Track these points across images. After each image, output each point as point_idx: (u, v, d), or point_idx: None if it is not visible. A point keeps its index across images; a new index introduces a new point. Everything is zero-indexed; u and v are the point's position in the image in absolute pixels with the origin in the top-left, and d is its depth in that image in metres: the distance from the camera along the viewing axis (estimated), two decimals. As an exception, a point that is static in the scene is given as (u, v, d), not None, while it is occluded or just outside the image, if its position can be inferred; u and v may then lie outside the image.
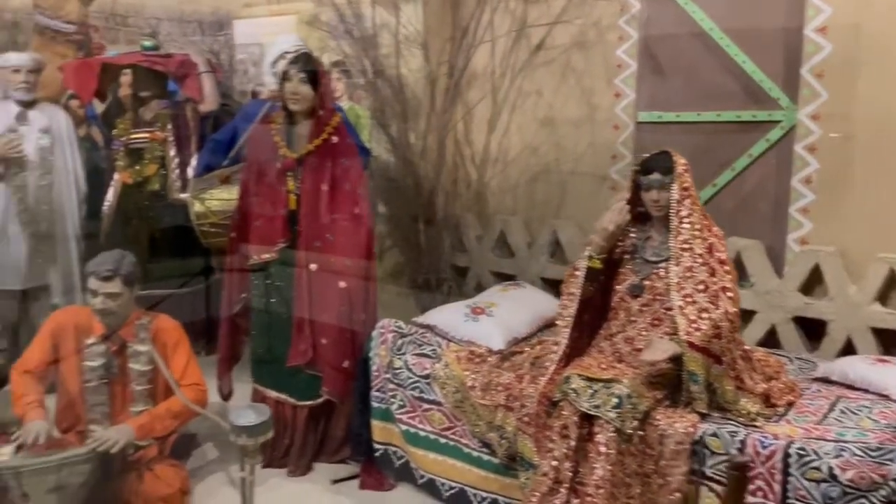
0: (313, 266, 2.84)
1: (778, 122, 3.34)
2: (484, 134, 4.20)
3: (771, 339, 3.24)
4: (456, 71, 3.83)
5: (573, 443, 2.15)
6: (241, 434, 2.08)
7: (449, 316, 2.92)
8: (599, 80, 3.79)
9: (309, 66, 2.80)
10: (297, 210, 2.86)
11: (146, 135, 4.14)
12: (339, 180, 2.84)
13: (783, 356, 2.84)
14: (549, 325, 3.08)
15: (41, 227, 4.04)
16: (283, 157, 2.85)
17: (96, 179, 4.31)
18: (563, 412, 2.19)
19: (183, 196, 4.10)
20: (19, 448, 2.58)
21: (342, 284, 2.77)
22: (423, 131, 3.94)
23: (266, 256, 2.90)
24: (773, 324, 3.23)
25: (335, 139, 2.86)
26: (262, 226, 2.90)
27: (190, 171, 4.14)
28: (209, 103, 4.22)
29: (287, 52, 3.61)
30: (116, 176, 4.18)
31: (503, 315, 2.90)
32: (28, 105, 3.98)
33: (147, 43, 4.17)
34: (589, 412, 2.15)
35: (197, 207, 3.40)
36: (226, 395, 3.17)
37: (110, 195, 4.21)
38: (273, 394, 2.95)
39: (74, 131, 4.19)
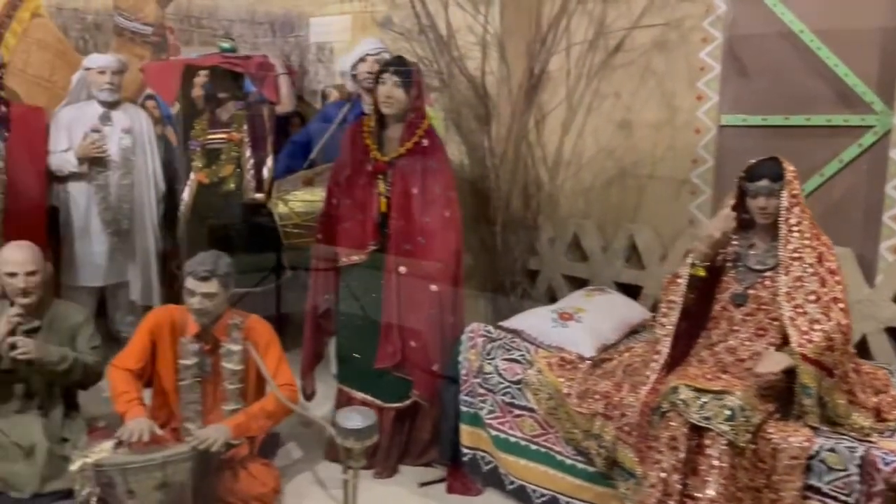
0: (402, 269, 2.84)
1: (871, 126, 3.25)
2: (557, 136, 4.17)
3: (862, 351, 3.15)
4: (536, 73, 3.80)
5: (682, 455, 2.11)
6: (349, 437, 2.08)
7: (536, 321, 2.90)
8: (681, 83, 3.73)
9: (404, 70, 2.80)
10: (386, 213, 2.86)
11: (223, 135, 4.20)
12: (430, 183, 2.83)
13: (882, 367, 2.76)
14: (634, 332, 3.04)
15: (122, 226, 4.14)
16: (373, 160, 2.86)
17: (171, 179, 4.40)
18: (672, 423, 2.15)
19: (258, 196, 4.17)
20: (119, 444, 2.64)
21: (434, 288, 2.77)
22: (499, 134, 3.92)
23: (355, 258, 2.91)
24: (865, 334, 3.15)
25: (426, 142, 2.86)
26: (351, 228, 2.92)
27: (265, 172, 4.20)
28: (286, 105, 4.27)
29: (368, 55, 3.65)
30: (193, 176, 4.25)
31: (592, 321, 2.87)
32: (111, 106, 4.08)
33: (225, 44, 4.24)
34: (699, 424, 2.11)
35: (280, 208, 3.43)
36: (309, 395, 3.19)
37: (186, 195, 4.28)
38: (359, 395, 2.97)
39: (154, 132, 4.28)
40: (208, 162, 4.20)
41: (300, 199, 3.40)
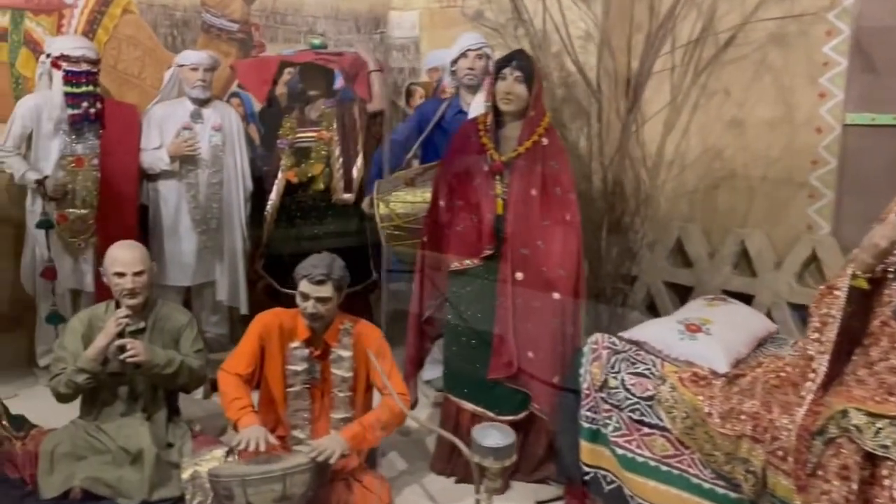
0: (519, 275, 2.70)
1: None
2: (658, 135, 3.98)
3: None
4: (644, 69, 3.62)
5: (855, 486, 1.92)
6: (487, 456, 1.95)
7: (660, 332, 2.72)
8: (800, 79, 3.50)
9: (526, 65, 2.65)
10: (503, 215, 2.72)
11: (312, 134, 4.11)
12: (550, 184, 2.69)
13: None
14: (761, 345, 2.84)
15: (211, 225, 4.08)
16: (490, 160, 2.72)
17: (255, 178, 4.33)
18: (843, 450, 1.96)
19: (346, 196, 4.07)
20: (229, 452, 2.55)
21: (556, 296, 2.62)
22: (601, 133, 3.74)
23: (468, 263, 2.78)
24: None
25: (546, 141, 2.71)
26: (464, 231, 2.79)
27: (355, 172, 4.10)
28: (377, 103, 4.16)
29: (470, 50, 3.52)
30: (280, 175, 4.16)
31: (722, 334, 2.68)
32: (203, 103, 4.02)
33: (316, 41, 4.15)
34: (875, 452, 1.92)
35: (381, 209, 3.32)
36: (411, 403, 3.06)
37: (274, 194, 4.20)
38: (469, 406, 2.83)
39: (243, 130, 4.21)
40: (297, 161, 4.11)
41: (401, 200, 3.28)
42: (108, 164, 3.77)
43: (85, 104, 3.59)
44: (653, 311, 4.02)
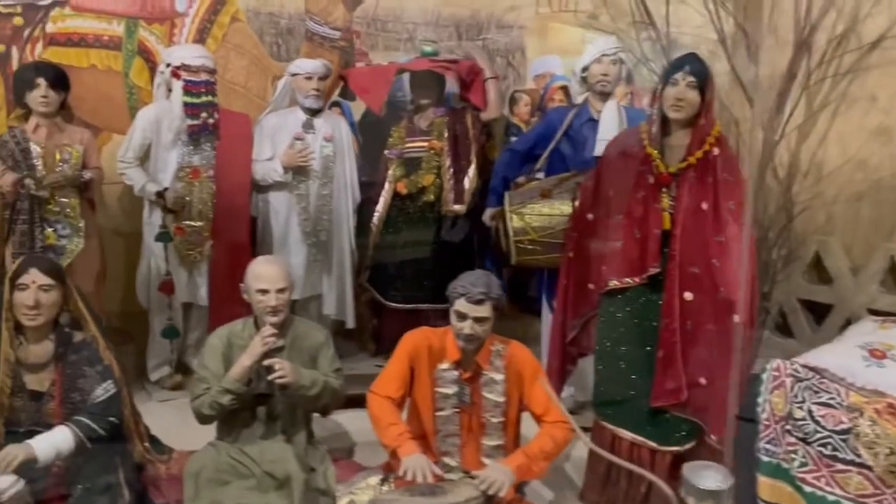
0: (688, 295, 2.52)
1: None
2: (793, 144, 3.76)
3: None
4: (788, 75, 3.42)
5: None
6: (705, 499, 1.77)
7: (843, 359, 2.49)
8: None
9: (699, 70, 2.48)
10: (669, 230, 2.54)
11: (422, 143, 3.98)
12: (723, 198, 2.50)
13: None
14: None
15: (321, 237, 3.98)
16: (657, 172, 2.54)
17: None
18: None
19: (457, 208, 3.93)
20: (384, 481, 2.42)
21: (736, 318, 2.43)
22: (737, 143, 3.54)
23: (628, 281, 2.60)
24: None
25: (716, 151, 2.53)
26: (625, 247, 2.61)
27: (467, 183, 3.97)
28: (492, 111, 4.02)
29: (605, 55, 3.35)
30: (387, 185, 4.05)
31: (912, 360, 2.46)
32: (314, 113, 3.93)
33: (428, 48, 4.02)
34: None
35: (515, 223, 3.17)
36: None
37: (380, 205, 4.08)
38: (627, 434, 2.66)
39: (352, 140, 4.10)
40: (407, 171, 3.99)
41: (537, 213, 3.13)
42: (223, 175, 3.69)
43: (204, 115, 3.52)
44: (783, 331, 3.81)
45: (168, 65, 3.52)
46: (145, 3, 3.80)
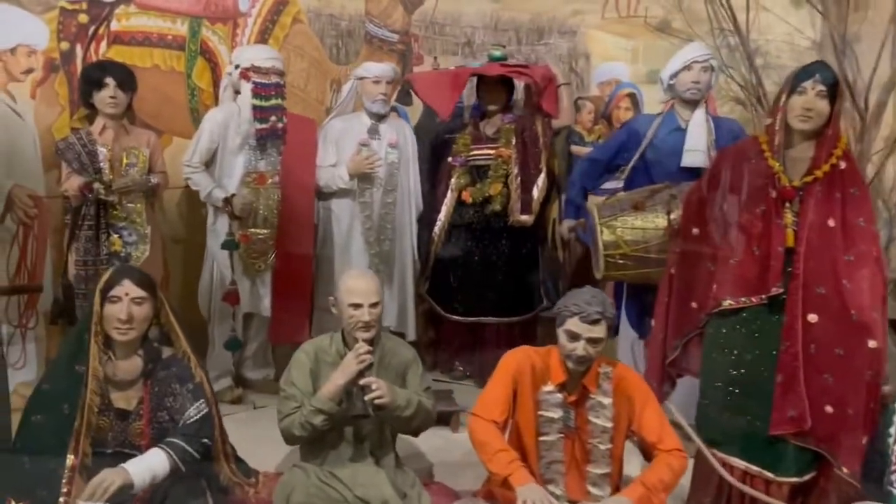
0: (813, 317, 2.37)
1: None
2: (879, 156, 3.62)
3: None
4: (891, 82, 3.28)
5: None
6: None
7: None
8: None
9: (830, 78, 2.34)
10: (793, 248, 2.40)
11: (489, 151, 3.84)
12: (851, 214, 2.36)
13: None
14: None
15: (384, 247, 3.85)
16: (780, 185, 2.40)
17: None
18: None
19: (524, 218, 3.80)
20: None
21: (872, 343, 2.28)
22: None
23: (744, 300, 2.46)
24: None
25: (843, 164, 2.39)
26: (741, 265, 2.46)
27: (535, 192, 3.83)
28: (565, 118, 3.89)
29: (696, 62, 3.22)
30: (450, 193, 3.91)
31: None
32: (380, 118, 3.80)
33: (497, 52, 3.89)
34: None
35: (606, 236, 3.03)
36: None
37: (442, 214, 3.95)
38: (740, 463, 2.50)
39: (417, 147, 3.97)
40: (472, 179, 3.85)
41: (630, 226, 2.99)
42: (288, 181, 3.56)
43: (273, 118, 3.38)
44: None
45: (237, 66, 3.38)
46: (209, 2, 3.67)
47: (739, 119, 3.70)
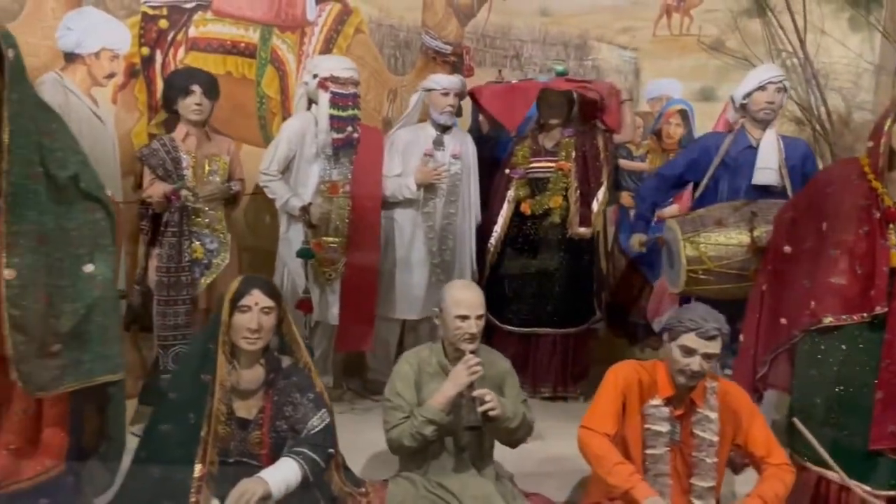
0: (915, 335, 2.44)
1: None
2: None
3: None
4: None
5: None
6: None
7: None
8: None
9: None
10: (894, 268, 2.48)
11: (548, 164, 3.89)
12: (955, 234, 2.44)
13: None
14: None
15: (445, 257, 3.89)
16: (884, 206, 2.48)
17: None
18: None
19: (582, 231, 3.85)
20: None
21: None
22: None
23: (845, 318, 2.52)
24: None
25: (947, 187, 2.47)
26: (842, 283, 2.53)
27: (595, 205, 3.89)
28: (627, 133, 3.96)
29: (770, 83, 3.30)
30: (506, 205, 3.95)
31: None
32: (444, 129, 3.83)
33: (559, 67, 3.95)
34: None
35: (689, 251, 3.09)
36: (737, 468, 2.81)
37: (499, 226, 3.99)
38: (836, 477, 2.56)
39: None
40: (531, 191, 3.90)
41: (713, 242, 3.05)
42: (357, 191, 3.57)
43: (349, 129, 3.40)
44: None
45: (315, 75, 3.39)
46: (280, 10, 3.68)
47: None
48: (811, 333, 2.62)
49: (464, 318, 2.53)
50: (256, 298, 2.21)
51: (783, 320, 2.72)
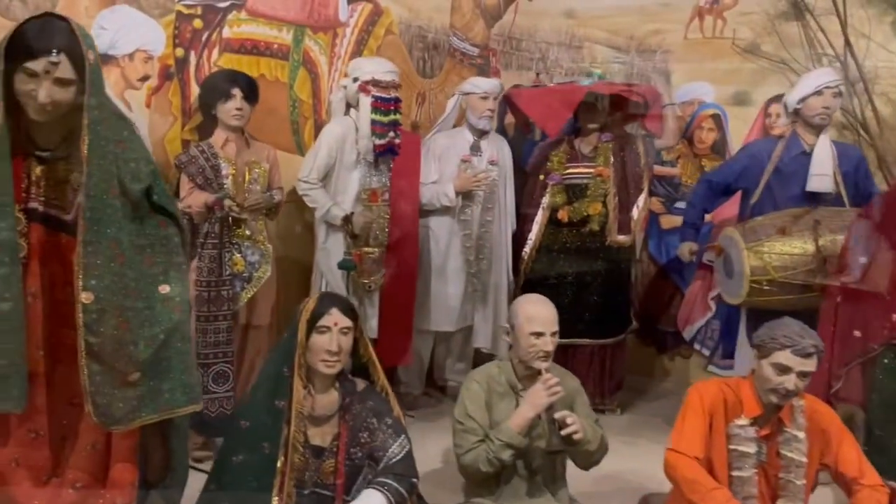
0: None
1: None
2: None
3: None
4: None
5: None
6: None
7: None
8: None
9: None
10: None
11: (585, 170, 3.78)
12: None
13: None
14: None
15: (482, 266, 3.78)
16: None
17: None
18: None
19: (621, 238, 3.75)
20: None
21: None
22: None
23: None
24: None
25: None
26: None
27: (635, 212, 3.79)
28: (670, 138, 3.87)
29: (827, 87, 3.22)
30: (541, 211, 3.84)
31: None
32: (482, 134, 3.71)
33: (598, 71, 3.87)
34: None
35: (753, 261, 2.99)
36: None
37: (534, 233, 3.87)
38: (906, 489, 2.49)
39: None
40: (569, 198, 3.78)
41: (777, 252, 2.96)
42: (396, 199, 3.43)
43: (391, 134, 3.25)
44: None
45: (355, 78, 3.24)
46: (312, 10, 3.52)
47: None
48: (891, 347, 2.55)
49: (538, 334, 2.40)
50: (336, 318, 2.06)
51: (857, 333, 2.64)
